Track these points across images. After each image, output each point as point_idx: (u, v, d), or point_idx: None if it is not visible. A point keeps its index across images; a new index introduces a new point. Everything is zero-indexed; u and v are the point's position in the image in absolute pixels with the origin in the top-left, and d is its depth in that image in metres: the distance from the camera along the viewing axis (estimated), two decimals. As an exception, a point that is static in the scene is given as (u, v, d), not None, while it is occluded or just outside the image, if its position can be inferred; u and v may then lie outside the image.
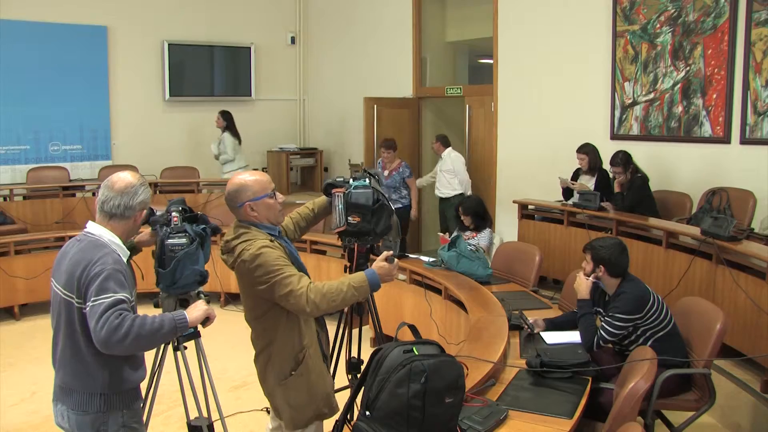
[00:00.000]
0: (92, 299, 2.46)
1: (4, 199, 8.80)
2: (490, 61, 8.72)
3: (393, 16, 9.98)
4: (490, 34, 8.62)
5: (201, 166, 9.82)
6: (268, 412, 4.51)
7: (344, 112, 10.96)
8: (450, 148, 8.33)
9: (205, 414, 3.35)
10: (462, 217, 6.47)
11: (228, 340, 2.89)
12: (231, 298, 7.36)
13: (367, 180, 3.42)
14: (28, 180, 9.30)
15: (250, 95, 11.25)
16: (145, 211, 2.80)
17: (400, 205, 8.01)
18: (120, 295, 2.49)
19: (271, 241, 2.97)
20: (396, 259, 3.11)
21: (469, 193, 8.12)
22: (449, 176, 8.25)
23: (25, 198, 9.02)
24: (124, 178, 2.73)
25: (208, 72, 11.09)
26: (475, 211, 6.44)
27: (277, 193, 3.09)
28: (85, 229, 2.72)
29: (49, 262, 6.80)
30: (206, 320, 2.85)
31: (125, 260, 2.71)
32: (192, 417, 3.40)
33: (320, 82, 11.60)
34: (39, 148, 9.67)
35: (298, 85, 11.79)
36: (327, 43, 11.39)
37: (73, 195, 9.20)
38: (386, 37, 10.13)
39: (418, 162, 9.91)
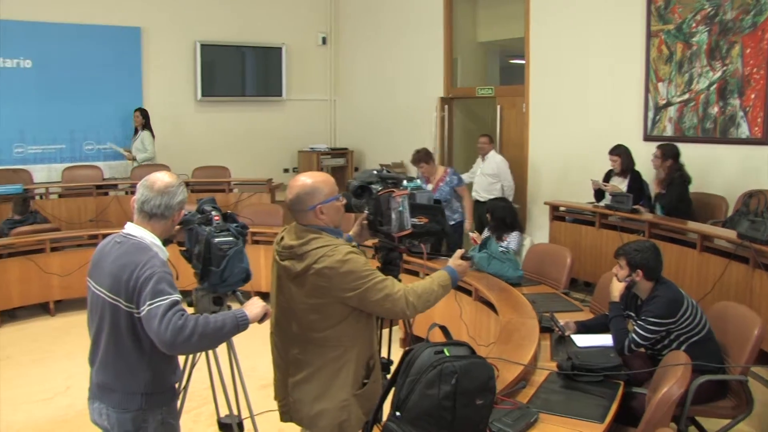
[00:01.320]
0: (148, 303, 2.48)
1: (40, 197, 8.93)
2: (522, 62, 8.67)
3: (424, 17, 9.96)
4: (521, 34, 8.57)
5: (232, 166, 9.87)
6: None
7: (375, 112, 10.97)
8: (494, 151, 8.09)
9: (235, 412, 3.36)
10: (490, 221, 6.37)
11: (258, 339, 2.90)
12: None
13: (406, 181, 3.35)
14: (63, 179, 9.44)
15: (281, 95, 11.31)
16: (183, 211, 2.81)
17: (453, 222, 6.97)
18: (175, 296, 2.52)
19: (353, 245, 2.91)
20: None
21: (510, 199, 7.92)
22: (491, 180, 7.93)
23: (60, 196, 9.16)
24: (162, 178, 2.72)
25: (240, 72, 11.17)
26: (501, 216, 6.28)
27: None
28: (124, 231, 2.72)
29: (83, 260, 7.01)
30: (263, 316, 2.81)
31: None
32: (222, 414, 3.42)
33: (351, 83, 11.62)
34: (74, 148, 9.83)
35: (329, 86, 11.83)
36: (358, 43, 11.41)
37: (106, 194, 9.33)
38: (417, 37, 10.12)
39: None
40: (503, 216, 6.23)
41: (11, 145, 9.47)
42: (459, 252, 3.17)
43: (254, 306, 2.76)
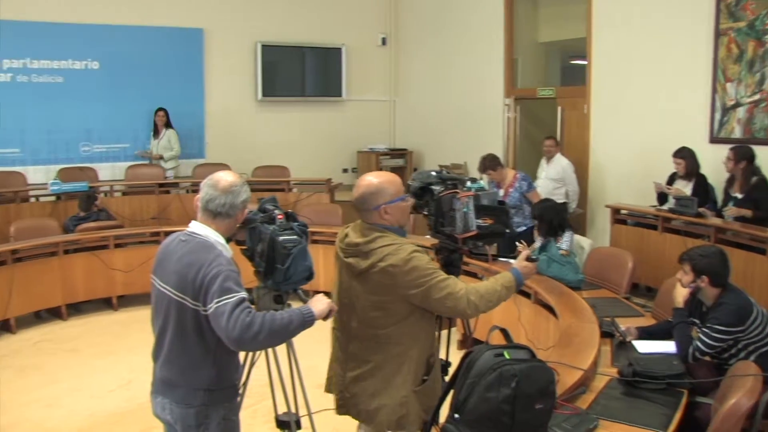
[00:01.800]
0: (216, 301, 2.51)
1: (105, 195, 9.15)
2: (584, 62, 8.54)
3: (484, 17, 9.89)
4: (584, 34, 8.45)
5: (292, 166, 9.96)
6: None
7: (434, 113, 10.94)
8: (560, 154, 7.92)
9: (293, 409, 3.38)
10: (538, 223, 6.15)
11: (316, 338, 2.91)
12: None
13: (470, 182, 3.32)
14: (126, 177, 9.67)
15: (341, 96, 11.36)
16: (246, 210, 2.84)
17: (525, 227, 6.68)
18: (242, 294, 2.55)
19: (416, 245, 2.92)
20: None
21: (575, 205, 7.80)
22: (556, 184, 7.77)
23: (123, 194, 9.38)
24: (226, 177, 2.75)
25: (300, 73, 11.26)
26: (548, 219, 5.86)
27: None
28: (189, 229, 2.76)
29: (145, 257, 7.17)
30: (329, 313, 2.82)
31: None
32: (280, 412, 3.44)
33: (411, 83, 11.61)
34: (138, 147, 10.06)
35: (389, 86, 11.84)
36: (418, 43, 11.39)
37: (168, 192, 9.51)
38: (478, 37, 10.05)
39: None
40: (550, 219, 6.00)
41: (78, 144, 9.74)
42: (524, 254, 3.17)
43: (319, 302, 2.76)
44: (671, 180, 6.88)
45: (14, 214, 8.36)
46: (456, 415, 2.46)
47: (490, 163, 6.91)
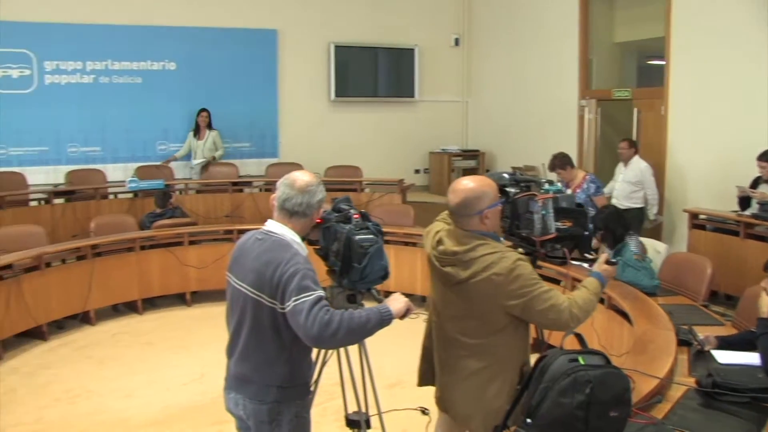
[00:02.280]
0: (294, 299, 2.53)
1: (179, 193, 9.36)
2: (661, 62, 8.33)
3: (559, 17, 9.76)
4: (661, 34, 8.23)
5: (364, 166, 10.00)
6: (424, 413, 4.57)
7: (507, 114, 10.85)
8: (638, 156, 7.70)
9: (363, 409, 3.39)
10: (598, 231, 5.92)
11: (386, 338, 2.91)
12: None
13: (547, 185, 3.26)
14: (201, 175, 9.86)
15: (414, 96, 11.36)
16: (322, 209, 2.85)
17: (588, 232, 6.66)
18: (320, 292, 2.56)
19: (520, 253, 2.89)
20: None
21: (655, 210, 7.60)
22: (634, 187, 7.56)
23: (198, 192, 9.58)
24: (302, 177, 2.77)
25: (373, 73, 11.31)
26: (605, 224, 5.59)
27: None
28: (265, 228, 2.78)
29: (218, 254, 7.31)
30: (406, 312, 2.78)
31: None
32: (350, 411, 3.46)
33: (484, 84, 11.53)
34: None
35: (462, 87, 11.78)
36: (491, 44, 11.31)
37: (241, 190, 9.65)
38: (552, 38, 9.93)
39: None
40: (614, 228, 5.78)
41: (155, 143, 9.99)
42: (604, 257, 3.11)
43: (397, 301, 2.73)
44: (755, 184, 6.65)
45: (94, 211, 8.66)
46: (528, 420, 2.44)
47: (559, 161, 6.87)
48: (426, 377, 3.28)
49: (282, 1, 10.61)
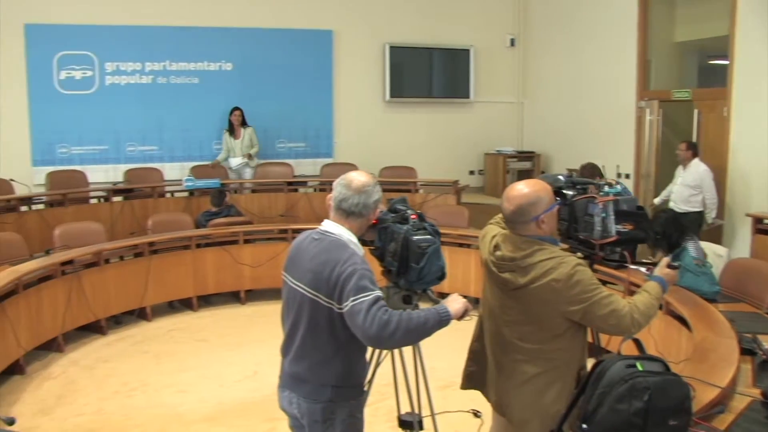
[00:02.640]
0: (352, 299, 2.53)
1: (234, 192, 9.47)
2: (724, 62, 8.11)
3: (617, 16, 9.58)
4: (725, 32, 8.01)
5: (418, 166, 9.97)
6: (476, 415, 4.54)
7: (563, 116, 10.71)
8: (698, 159, 7.52)
9: (416, 410, 3.38)
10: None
11: (439, 339, 2.89)
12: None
13: (607, 187, 3.20)
14: (256, 175, 9.96)
15: (469, 97, 11.29)
16: (378, 210, 2.85)
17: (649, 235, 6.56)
18: (378, 292, 2.57)
19: (578, 256, 2.86)
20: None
21: (714, 214, 7.39)
22: (693, 191, 7.40)
23: (253, 191, 9.67)
24: (359, 177, 2.77)
25: (427, 74, 11.28)
26: (663, 228, 5.48)
27: None
28: (322, 228, 2.79)
29: (272, 253, 7.39)
30: (464, 313, 2.77)
31: None
32: (403, 411, 3.45)
33: (540, 85, 11.41)
34: (267, 145, 10.33)
35: (517, 88, 11.67)
36: (547, 44, 11.17)
37: (296, 190, 9.71)
38: (609, 37, 9.75)
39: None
40: (671, 232, 5.64)
41: (211, 142, 10.11)
42: (665, 260, 3.04)
43: (455, 302, 2.72)
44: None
45: (151, 209, 8.80)
46: (584, 426, 2.40)
47: (588, 172, 6.91)
48: (472, 380, 3.25)
49: (338, 1, 10.65)
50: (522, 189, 2.82)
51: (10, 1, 9.21)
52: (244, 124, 9.80)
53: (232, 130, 9.83)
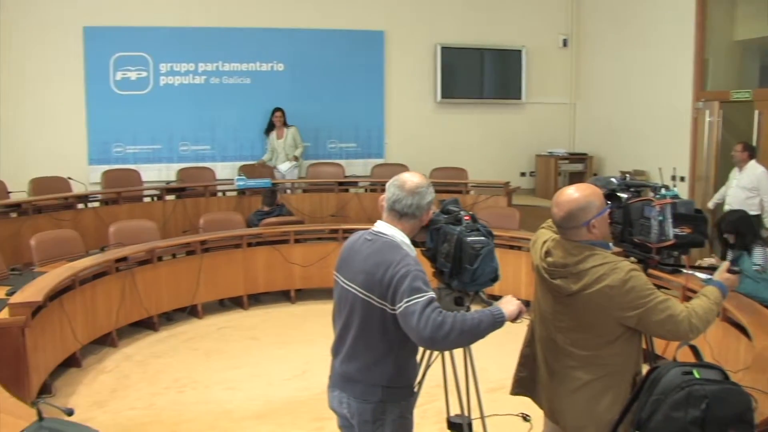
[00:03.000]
0: (405, 300, 2.52)
1: (285, 192, 9.53)
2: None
3: (674, 15, 9.38)
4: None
5: (469, 168, 9.91)
6: (525, 419, 4.48)
7: (617, 117, 10.55)
8: (754, 161, 7.36)
9: (466, 412, 3.34)
10: (725, 235, 5.71)
11: (490, 341, 2.86)
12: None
13: (664, 190, 3.12)
14: (307, 175, 10.02)
15: (521, 98, 11.21)
16: (431, 211, 2.83)
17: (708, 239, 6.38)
18: (431, 294, 2.55)
19: (633, 262, 2.81)
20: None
21: None
22: (749, 193, 7.26)
23: (303, 191, 9.72)
24: (412, 178, 2.76)
25: (479, 74, 11.21)
26: (736, 227, 5.57)
27: None
28: (375, 228, 2.79)
29: (322, 252, 7.42)
30: (518, 315, 2.75)
31: None
32: (452, 413, 3.42)
33: (592, 86, 11.25)
34: (318, 145, 10.42)
35: (570, 89, 11.54)
36: (600, 44, 11.01)
37: (347, 190, 9.73)
38: (665, 36, 9.56)
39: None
40: (744, 232, 5.52)
41: (263, 142, 10.19)
42: (725, 265, 2.95)
43: (510, 304, 2.70)
44: None
45: (203, 207, 8.92)
46: (637, 432, 2.34)
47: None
48: (521, 385, 3.21)
49: (389, 2, 10.67)
50: (572, 194, 2.77)
51: (70, 6, 9.48)
52: (285, 124, 9.85)
53: (272, 130, 9.89)
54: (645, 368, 2.73)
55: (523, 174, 11.34)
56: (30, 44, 9.40)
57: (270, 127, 9.89)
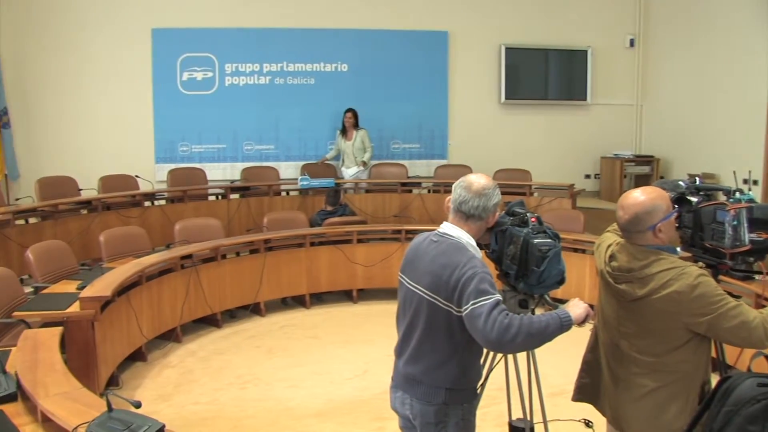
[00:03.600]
0: (472, 302, 2.51)
1: (347, 192, 9.58)
2: None
3: (748, 14, 9.10)
4: None
5: (533, 169, 9.79)
6: (587, 425, 4.41)
7: (686, 119, 10.31)
8: None
9: (528, 416, 3.30)
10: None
11: (550, 346, 2.81)
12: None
13: (738, 194, 3.02)
14: (370, 175, 10.04)
15: (586, 99, 11.04)
16: (497, 213, 2.81)
17: None
18: (498, 296, 2.53)
19: (700, 266, 2.74)
20: None
21: None
22: None
23: (366, 191, 9.74)
24: (479, 180, 2.74)
25: (543, 75, 11.09)
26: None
27: None
28: (441, 230, 2.77)
29: (385, 253, 7.43)
30: (585, 318, 2.70)
31: None
32: (514, 417, 3.38)
33: (660, 86, 11.01)
34: (381, 146, 10.43)
35: (636, 90, 11.31)
36: (669, 44, 10.76)
37: (410, 191, 9.71)
38: (737, 34, 9.28)
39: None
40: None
41: (326, 142, 10.27)
42: None
43: (577, 307, 2.66)
44: None
45: (267, 206, 9.03)
46: (708, 445, 2.26)
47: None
48: (583, 392, 3.15)
49: (453, 3, 10.63)
50: (638, 197, 2.72)
51: (139, 8, 9.75)
52: (356, 126, 9.86)
53: (344, 132, 9.89)
54: (714, 378, 2.65)
55: (587, 176, 11.18)
56: (102, 46, 9.70)
57: (343, 128, 9.91)
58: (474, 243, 2.73)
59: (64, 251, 6.15)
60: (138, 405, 2.92)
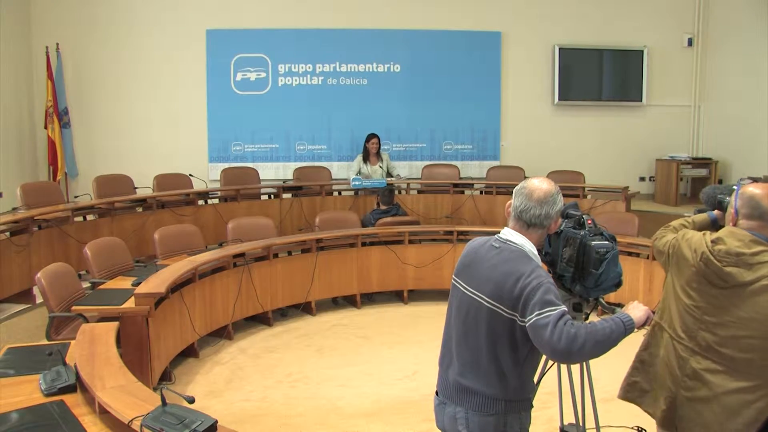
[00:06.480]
0: (537, 313, 2.46)
1: (399, 192, 9.56)
2: None
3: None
4: None
5: (586, 171, 9.65)
6: (642, 433, 4.32)
7: (746, 120, 10.05)
8: None
9: (580, 421, 3.25)
10: None
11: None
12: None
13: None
14: (422, 176, 10.03)
15: (641, 100, 10.84)
16: (559, 220, 2.76)
17: None
18: (563, 307, 2.49)
19: None
20: None
21: None
22: None
23: (418, 192, 9.72)
24: (540, 186, 2.67)
25: (597, 76, 10.92)
26: None
27: None
28: (503, 236, 2.71)
29: (436, 254, 7.42)
30: (646, 320, 2.66)
31: None
32: (565, 423, 3.33)
33: (719, 87, 10.75)
34: (433, 146, 10.43)
35: (693, 91, 11.06)
36: (729, 43, 10.51)
37: (462, 192, 9.65)
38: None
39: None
40: None
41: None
42: None
43: (637, 310, 2.62)
44: None
45: (319, 206, 9.08)
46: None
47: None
48: (633, 391, 3.14)
49: (506, 3, 10.56)
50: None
51: (194, 10, 9.94)
52: (379, 151, 9.77)
53: (366, 157, 9.75)
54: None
55: (642, 179, 11.00)
56: (157, 47, 9.92)
57: (366, 153, 9.79)
58: (536, 251, 2.67)
59: (120, 248, 6.27)
60: (191, 400, 2.96)
